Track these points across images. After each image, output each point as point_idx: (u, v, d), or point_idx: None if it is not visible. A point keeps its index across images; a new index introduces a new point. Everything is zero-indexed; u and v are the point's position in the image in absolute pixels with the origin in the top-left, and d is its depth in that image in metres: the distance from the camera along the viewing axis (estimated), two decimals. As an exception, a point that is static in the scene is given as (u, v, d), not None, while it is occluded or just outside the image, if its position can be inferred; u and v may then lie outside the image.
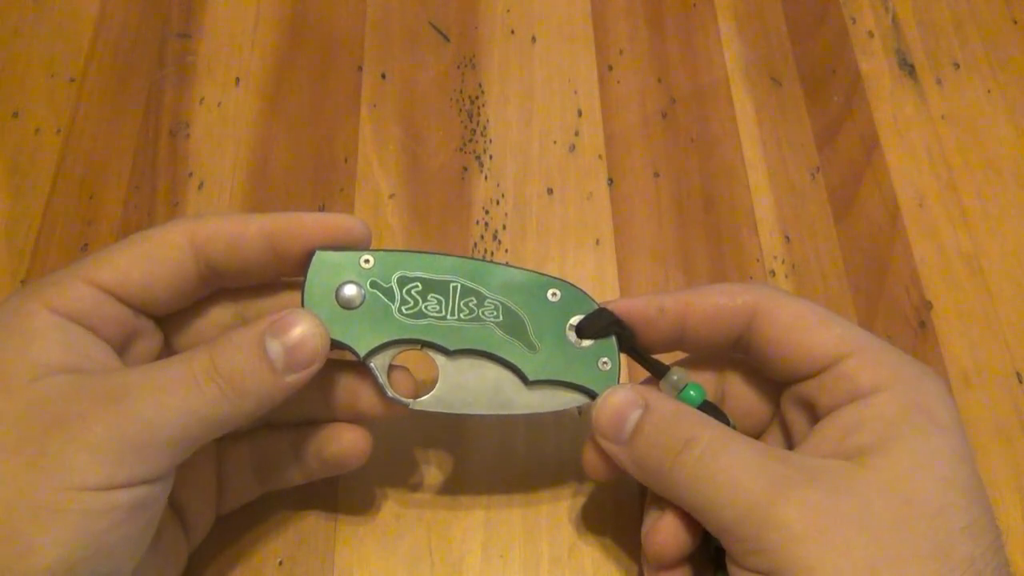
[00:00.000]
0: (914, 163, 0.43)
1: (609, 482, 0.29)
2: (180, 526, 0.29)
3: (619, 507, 0.33)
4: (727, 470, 0.25)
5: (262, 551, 0.32)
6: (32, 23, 0.44)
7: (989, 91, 0.45)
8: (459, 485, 0.34)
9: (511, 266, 0.29)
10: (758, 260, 0.40)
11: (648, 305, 0.29)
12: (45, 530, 0.22)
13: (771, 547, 0.23)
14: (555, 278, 0.29)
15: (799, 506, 0.24)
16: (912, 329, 0.38)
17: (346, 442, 0.29)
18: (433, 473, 0.34)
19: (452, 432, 0.35)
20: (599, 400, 0.28)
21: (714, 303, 0.28)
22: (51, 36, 0.44)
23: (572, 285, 0.29)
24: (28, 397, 0.23)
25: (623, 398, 0.27)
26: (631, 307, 0.29)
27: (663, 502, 0.27)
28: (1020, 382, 0.37)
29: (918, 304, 0.39)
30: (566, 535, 0.33)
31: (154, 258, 0.26)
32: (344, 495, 0.33)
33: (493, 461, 0.34)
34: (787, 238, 0.40)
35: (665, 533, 0.27)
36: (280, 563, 0.32)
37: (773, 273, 0.39)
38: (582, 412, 0.35)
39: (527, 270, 0.29)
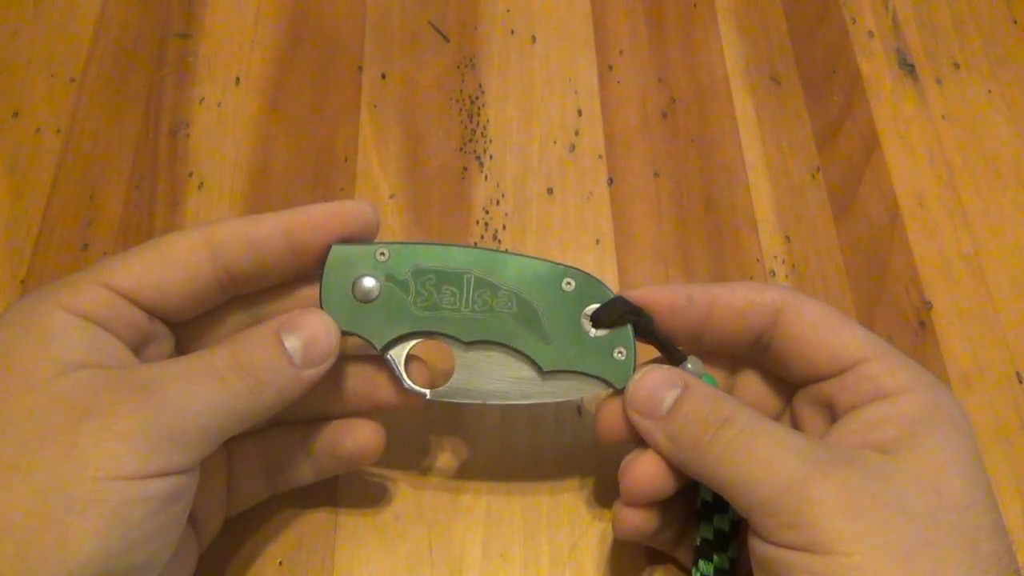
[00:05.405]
0: (914, 163, 0.43)
1: (616, 445, 0.29)
2: (191, 529, 0.29)
3: (619, 507, 0.33)
4: (766, 447, 0.25)
5: (262, 551, 0.32)
6: (32, 23, 0.44)
7: (989, 91, 0.45)
8: (459, 485, 0.34)
9: (526, 255, 0.29)
10: (758, 260, 0.40)
11: (676, 293, 0.29)
12: (83, 520, 0.22)
13: (808, 521, 0.24)
14: (570, 267, 0.29)
15: (838, 484, 0.24)
16: (912, 329, 0.38)
17: (361, 437, 0.30)
18: (433, 473, 0.34)
19: (452, 432, 0.35)
20: (636, 377, 0.28)
21: (742, 297, 0.29)
22: (51, 36, 0.44)
23: (587, 274, 0.29)
24: (53, 392, 0.23)
25: (662, 376, 0.28)
26: (657, 294, 0.29)
27: (645, 446, 0.28)
28: (1020, 382, 0.37)
29: (918, 304, 0.39)
30: (566, 534, 0.33)
31: (170, 263, 0.26)
32: (344, 495, 0.33)
33: (493, 460, 0.34)
34: (787, 238, 0.40)
35: (643, 467, 0.28)
36: (280, 563, 0.32)
37: (773, 273, 0.39)
38: (581, 412, 0.35)
39: (542, 259, 0.29)
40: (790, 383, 0.30)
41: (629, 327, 0.29)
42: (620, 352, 0.29)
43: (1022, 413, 0.36)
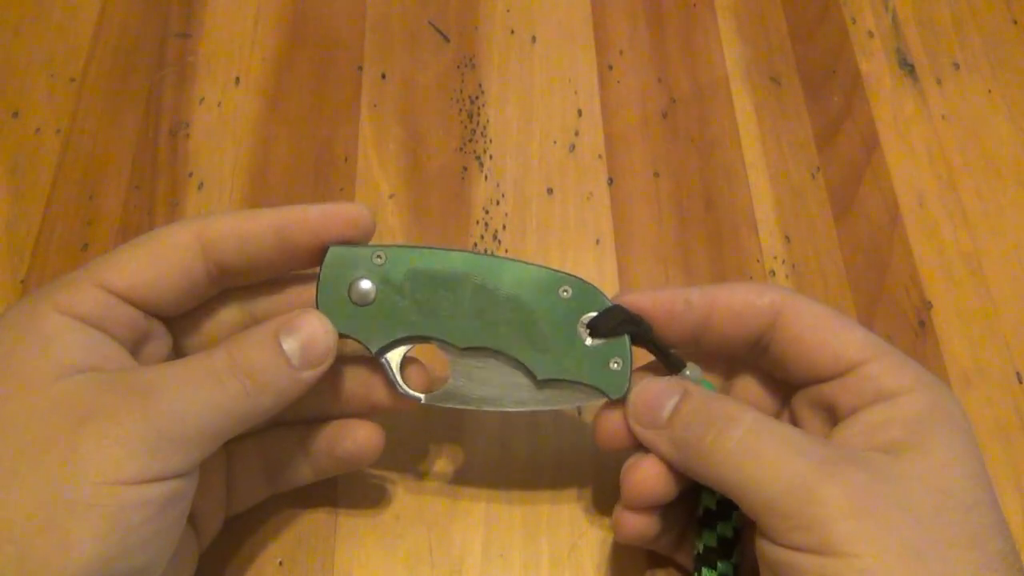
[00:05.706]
0: (914, 163, 0.43)
1: (617, 452, 0.29)
2: (192, 529, 0.29)
3: (619, 507, 0.33)
4: (773, 447, 0.25)
5: (262, 551, 0.32)
6: (32, 23, 0.44)
7: (989, 91, 0.45)
8: (459, 485, 0.34)
9: (523, 262, 0.29)
10: (758, 260, 0.40)
11: (674, 298, 0.29)
12: (82, 524, 0.22)
13: (816, 523, 0.23)
14: (568, 274, 0.28)
15: (845, 485, 0.24)
16: (912, 329, 0.38)
17: (360, 438, 0.30)
18: (433, 473, 0.34)
19: (452, 432, 0.35)
20: (635, 389, 0.28)
21: (741, 299, 0.28)
22: (51, 36, 0.44)
23: (584, 282, 0.29)
24: (53, 396, 0.23)
25: (660, 387, 0.28)
26: (655, 299, 0.29)
27: (646, 450, 0.28)
28: (1020, 382, 0.37)
29: (918, 304, 0.39)
30: (566, 535, 0.33)
31: (162, 259, 0.26)
32: (344, 495, 0.33)
33: (493, 461, 0.34)
34: (787, 238, 0.40)
35: (645, 471, 0.27)
36: (280, 563, 0.32)
37: (773, 273, 0.39)
38: (581, 412, 0.35)
39: (539, 266, 0.28)
40: (789, 385, 0.29)
41: (626, 338, 0.28)
42: (616, 363, 0.28)
43: (1022, 413, 0.36)
